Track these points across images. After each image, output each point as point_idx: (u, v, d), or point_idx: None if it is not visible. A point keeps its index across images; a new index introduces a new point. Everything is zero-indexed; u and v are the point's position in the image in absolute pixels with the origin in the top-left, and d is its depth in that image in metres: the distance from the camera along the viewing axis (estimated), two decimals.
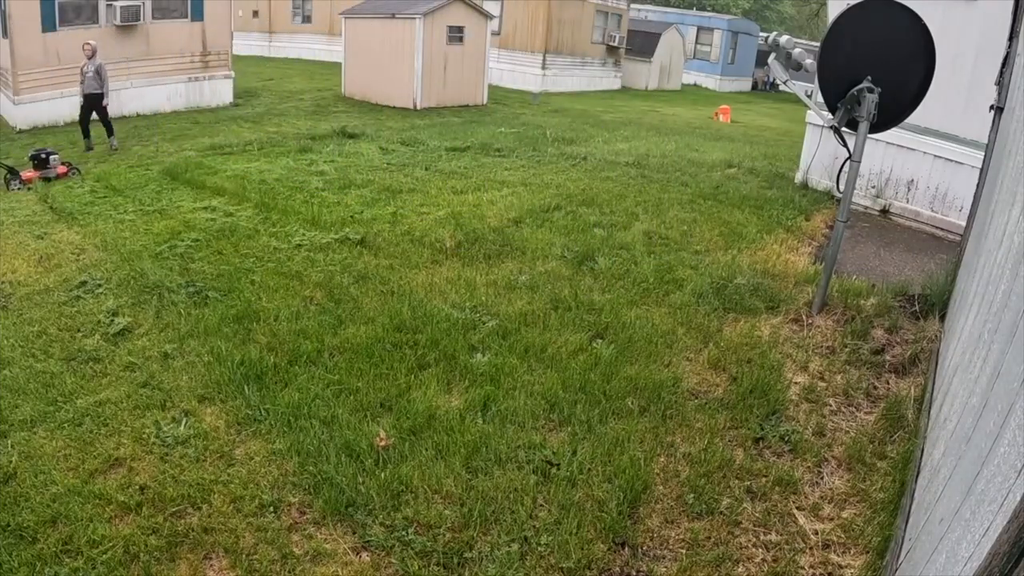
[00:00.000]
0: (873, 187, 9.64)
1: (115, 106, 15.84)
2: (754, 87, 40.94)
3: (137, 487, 3.31)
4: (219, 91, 18.24)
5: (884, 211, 9.51)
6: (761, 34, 39.79)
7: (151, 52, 16.63)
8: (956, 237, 8.07)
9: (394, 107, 18.91)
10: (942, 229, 8.74)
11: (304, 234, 7.21)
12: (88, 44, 12.67)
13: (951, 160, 8.40)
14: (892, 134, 6.94)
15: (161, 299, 5.51)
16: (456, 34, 19.37)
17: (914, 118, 5.34)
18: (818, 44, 5.43)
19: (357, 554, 3.06)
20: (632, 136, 16.60)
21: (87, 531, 2.97)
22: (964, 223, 6.91)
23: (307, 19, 29.63)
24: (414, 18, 18.24)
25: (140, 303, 5.45)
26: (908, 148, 8.92)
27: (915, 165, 9.03)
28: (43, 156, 9.98)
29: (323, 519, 3.23)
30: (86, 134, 12.59)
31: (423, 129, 15.57)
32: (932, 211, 8.94)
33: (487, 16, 20.14)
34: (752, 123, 23.02)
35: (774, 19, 55.34)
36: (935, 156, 8.66)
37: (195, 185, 9.22)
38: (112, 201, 8.34)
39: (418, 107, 18.88)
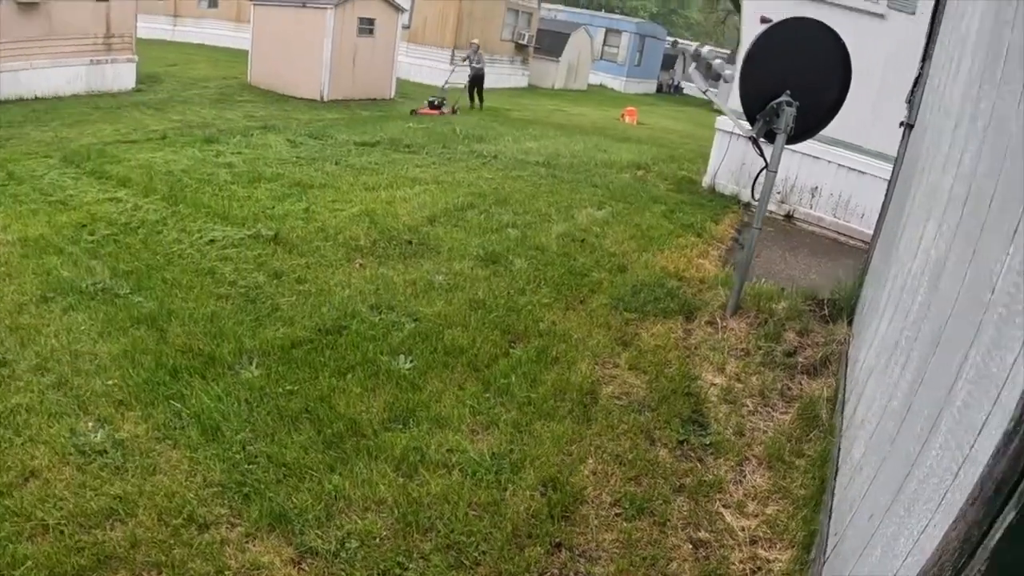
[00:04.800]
0: (778, 192, 10.05)
1: (14, 87, 14.94)
2: (659, 89, 42.03)
3: (56, 500, 3.13)
4: (122, 75, 17.39)
5: (788, 216, 9.94)
6: (668, 38, 40.96)
7: (53, 32, 15.71)
8: (858, 242, 8.52)
9: (301, 98, 18.47)
10: (844, 234, 9.20)
11: (215, 229, 6.97)
12: None
13: (854, 169, 8.87)
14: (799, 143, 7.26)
15: (68, 296, 5.23)
16: (367, 26, 19.08)
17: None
18: (728, 51, 5.62)
19: (296, 566, 2.98)
20: (540, 135, 16.75)
21: (5, 551, 2.79)
22: (865, 229, 7.30)
23: (213, 4, 28.58)
24: (325, 8, 17.86)
25: (46, 300, 5.16)
26: (813, 156, 9.35)
27: (820, 173, 9.48)
28: None
29: (256, 531, 3.13)
30: None
31: (332, 122, 15.28)
32: (835, 217, 9.40)
33: (398, 9, 19.93)
34: (657, 125, 23.60)
35: (681, 24, 56.85)
36: (839, 165, 9.11)
37: (99, 175, 8.75)
38: (10, 190, 7.84)
39: (325, 99, 18.52)
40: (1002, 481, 1.41)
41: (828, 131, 7.88)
